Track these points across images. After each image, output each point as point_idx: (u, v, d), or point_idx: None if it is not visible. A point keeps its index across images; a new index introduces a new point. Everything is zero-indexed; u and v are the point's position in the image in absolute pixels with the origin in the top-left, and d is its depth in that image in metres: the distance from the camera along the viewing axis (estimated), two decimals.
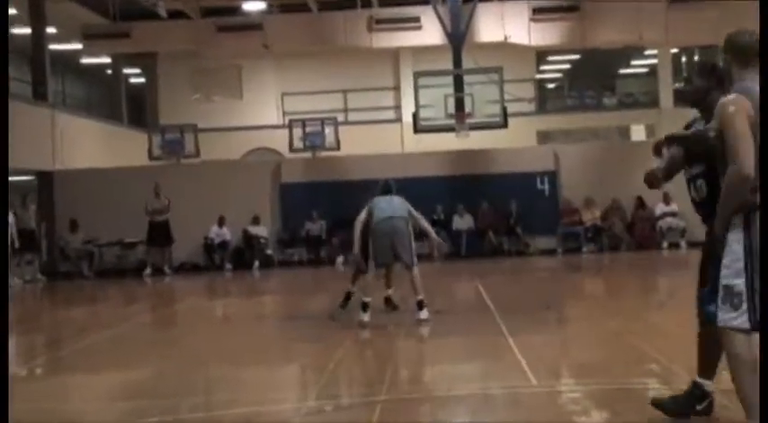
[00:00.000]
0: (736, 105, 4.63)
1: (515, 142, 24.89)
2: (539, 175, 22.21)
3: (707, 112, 5.18)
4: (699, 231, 23.40)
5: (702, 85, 5.25)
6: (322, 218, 22.54)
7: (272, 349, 9.87)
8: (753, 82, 4.73)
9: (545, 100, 30.58)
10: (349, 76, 29.45)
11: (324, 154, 23.75)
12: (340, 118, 26.59)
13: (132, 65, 30.94)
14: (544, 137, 29.04)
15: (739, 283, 4.64)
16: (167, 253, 21.62)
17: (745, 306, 4.62)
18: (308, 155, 23.79)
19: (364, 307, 10.46)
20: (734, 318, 4.64)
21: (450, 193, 22.34)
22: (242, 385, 7.66)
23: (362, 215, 10.91)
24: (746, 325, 4.62)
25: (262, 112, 30.17)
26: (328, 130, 24.11)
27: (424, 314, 10.52)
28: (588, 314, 9.48)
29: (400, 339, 9.76)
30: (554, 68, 31.07)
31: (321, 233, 22.60)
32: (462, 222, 22.33)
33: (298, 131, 23.97)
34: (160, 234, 21.31)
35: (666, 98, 26.95)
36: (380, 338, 9.91)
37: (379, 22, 25.37)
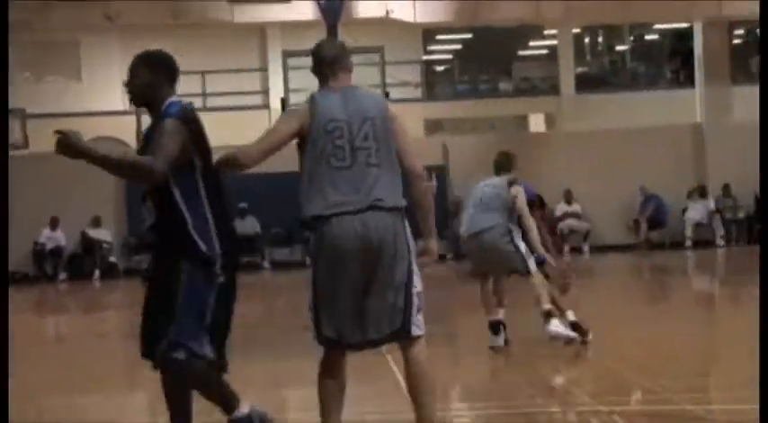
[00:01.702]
0: (290, 113, 5.45)
1: None
2: (425, 170, 22.43)
3: (155, 109, 5.21)
4: (605, 234, 24.00)
5: (151, 79, 5.22)
6: None
7: (114, 373, 9.72)
8: (322, 94, 5.32)
9: (433, 85, 30.90)
10: (208, 56, 29.13)
11: None
12: (197, 103, 26.01)
13: None
14: (433, 126, 29.32)
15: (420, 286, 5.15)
16: None
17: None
18: None
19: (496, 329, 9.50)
20: (421, 324, 5.13)
21: None
22: (78, 416, 7.52)
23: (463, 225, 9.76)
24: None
25: (105, 96, 29.56)
26: None
27: (553, 327, 9.12)
28: (481, 329, 9.63)
29: (258, 359, 9.72)
30: (443, 49, 31.41)
31: None
32: None
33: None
34: None
35: (568, 84, 27.57)
36: (235, 358, 9.84)
37: None
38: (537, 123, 29.99)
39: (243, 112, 28.80)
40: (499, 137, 26.53)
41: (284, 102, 20.97)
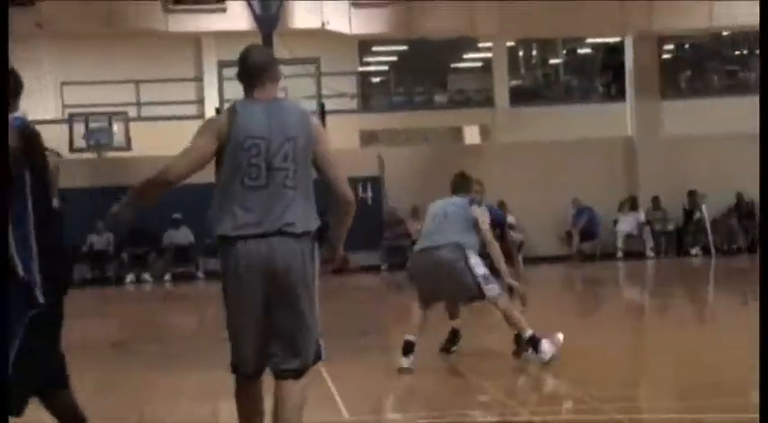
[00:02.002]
0: (207, 127, 5.05)
1: (335, 144, 24.78)
2: (360, 181, 22.44)
3: None
4: (537, 245, 24.08)
5: None
6: (109, 229, 22.04)
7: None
8: (244, 105, 4.96)
9: (369, 96, 30.96)
10: (142, 65, 28.90)
11: (111, 155, 23.23)
12: (131, 113, 26.07)
13: None
14: (368, 138, 29.36)
15: None
16: None
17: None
18: (92, 155, 23.22)
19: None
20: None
21: None
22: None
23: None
24: None
25: (36, 104, 29.13)
26: (117, 127, 23.63)
27: (544, 350, 8.68)
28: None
29: (190, 369, 9.64)
30: (379, 60, 31.51)
31: (108, 247, 22.11)
32: None
33: (80, 128, 23.40)
34: None
35: (502, 96, 27.74)
36: (167, 368, 9.75)
37: (176, 2, 25.05)
38: (472, 135, 30.17)
39: (178, 122, 28.56)
40: (434, 148, 26.67)
41: (219, 112, 20.86)
